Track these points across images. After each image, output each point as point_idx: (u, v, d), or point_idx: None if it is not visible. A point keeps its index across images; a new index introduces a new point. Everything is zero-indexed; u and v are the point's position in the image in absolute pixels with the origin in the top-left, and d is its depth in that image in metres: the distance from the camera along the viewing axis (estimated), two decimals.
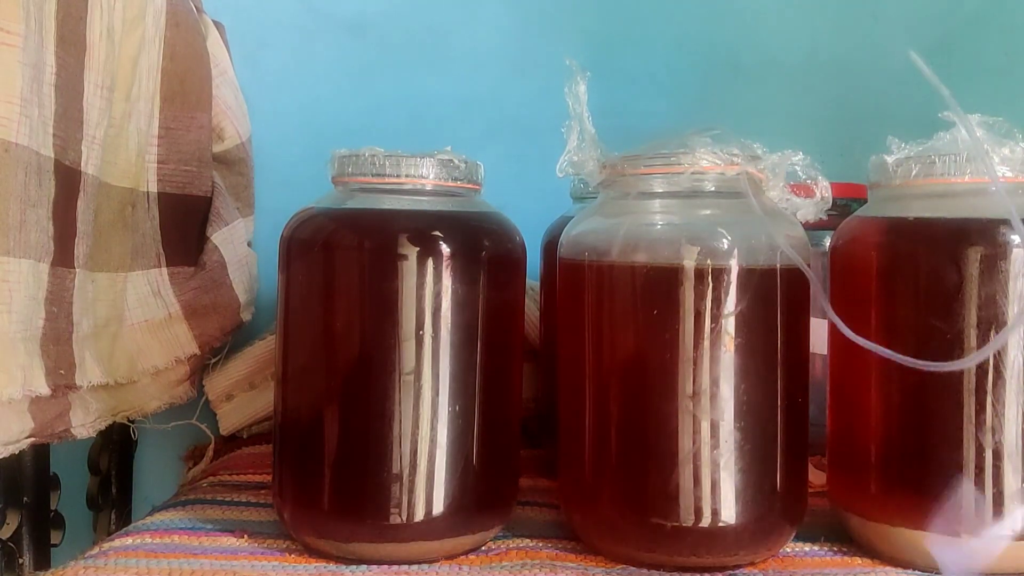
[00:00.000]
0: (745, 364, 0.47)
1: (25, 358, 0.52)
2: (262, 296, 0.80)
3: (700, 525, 0.47)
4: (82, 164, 0.57)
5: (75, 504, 0.75)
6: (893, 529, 0.48)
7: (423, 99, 0.89)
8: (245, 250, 0.78)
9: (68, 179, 0.55)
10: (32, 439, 0.55)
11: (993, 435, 0.46)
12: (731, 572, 0.48)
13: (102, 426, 0.63)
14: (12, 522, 0.63)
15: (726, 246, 0.47)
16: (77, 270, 0.57)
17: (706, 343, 0.46)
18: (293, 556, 0.50)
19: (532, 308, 0.72)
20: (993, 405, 0.46)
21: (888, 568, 0.48)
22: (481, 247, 0.50)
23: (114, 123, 0.62)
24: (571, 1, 0.90)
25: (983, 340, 0.46)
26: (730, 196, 0.49)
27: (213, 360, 0.75)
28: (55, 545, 0.68)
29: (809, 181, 0.50)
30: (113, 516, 0.81)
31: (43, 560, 0.65)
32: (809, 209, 0.50)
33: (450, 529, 0.49)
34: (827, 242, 0.56)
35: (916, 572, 0.48)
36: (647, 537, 0.48)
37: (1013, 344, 0.46)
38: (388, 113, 0.89)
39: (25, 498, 0.63)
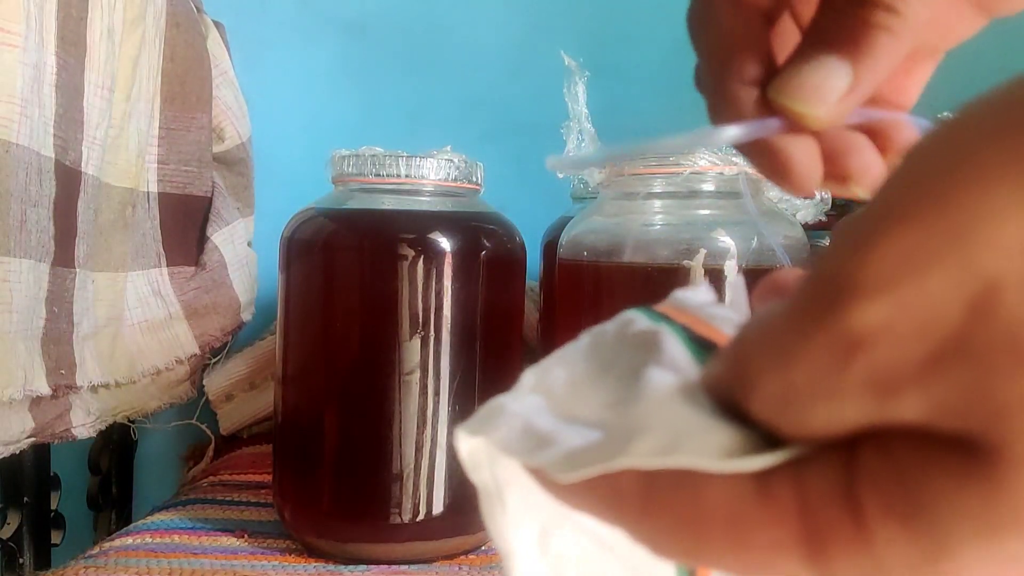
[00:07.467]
0: None
1: (26, 358, 0.52)
2: (262, 296, 0.80)
3: None
4: (82, 164, 0.57)
5: (75, 504, 0.75)
6: None
7: (423, 99, 0.89)
8: (245, 250, 0.78)
9: (68, 179, 0.55)
10: (32, 439, 0.55)
11: None
12: None
13: (102, 426, 0.63)
14: (13, 522, 0.63)
15: (725, 246, 0.47)
16: (77, 270, 0.57)
17: None
18: (293, 556, 0.50)
19: (532, 308, 0.72)
20: None
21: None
22: (481, 247, 0.50)
23: (114, 123, 0.62)
24: (571, 1, 0.90)
25: None
26: (729, 196, 0.49)
27: (213, 360, 0.75)
28: (55, 545, 0.68)
29: None
30: (113, 516, 0.81)
31: (43, 560, 0.65)
32: (808, 210, 0.50)
33: (450, 529, 0.49)
34: (827, 242, 0.56)
35: None
36: None
37: None
38: (388, 113, 0.89)
39: (26, 498, 0.63)
